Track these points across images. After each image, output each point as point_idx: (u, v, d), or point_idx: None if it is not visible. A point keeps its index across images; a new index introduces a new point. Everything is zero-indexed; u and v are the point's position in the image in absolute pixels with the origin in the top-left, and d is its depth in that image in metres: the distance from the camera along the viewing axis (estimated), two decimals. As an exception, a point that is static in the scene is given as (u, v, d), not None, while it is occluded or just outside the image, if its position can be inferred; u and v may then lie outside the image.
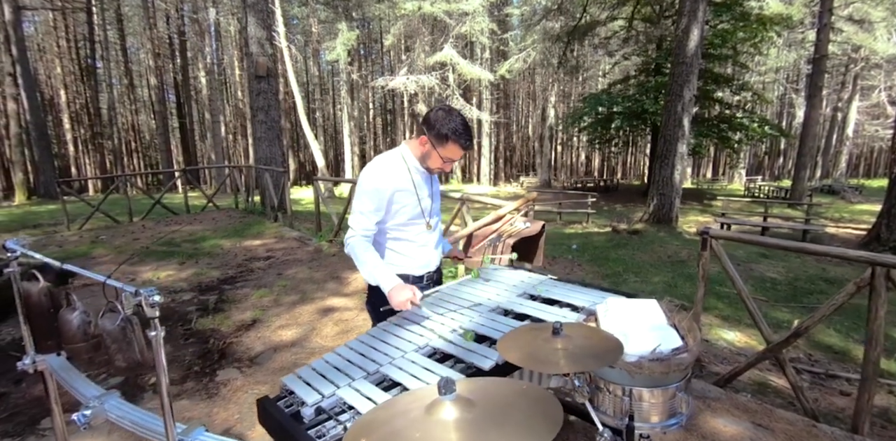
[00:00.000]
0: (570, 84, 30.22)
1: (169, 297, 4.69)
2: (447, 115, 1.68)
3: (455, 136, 1.68)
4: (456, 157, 1.74)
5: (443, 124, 1.67)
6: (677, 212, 11.35)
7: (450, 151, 1.71)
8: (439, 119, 1.68)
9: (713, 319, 5.51)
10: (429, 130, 1.71)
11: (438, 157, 1.73)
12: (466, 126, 1.71)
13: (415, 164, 1.81)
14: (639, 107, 15.21)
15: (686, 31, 8.67)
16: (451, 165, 1.80)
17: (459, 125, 1.68)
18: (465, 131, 1.69)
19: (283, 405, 1.26)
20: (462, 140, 1.69)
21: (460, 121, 1.69)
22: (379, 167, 1.78)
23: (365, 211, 1.74)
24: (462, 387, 0.97)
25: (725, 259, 3.03)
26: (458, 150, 1.72)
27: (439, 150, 1.71)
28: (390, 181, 1.75)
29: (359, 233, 1.76)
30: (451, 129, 1.66)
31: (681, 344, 1.40)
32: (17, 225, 9.84)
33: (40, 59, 22.87)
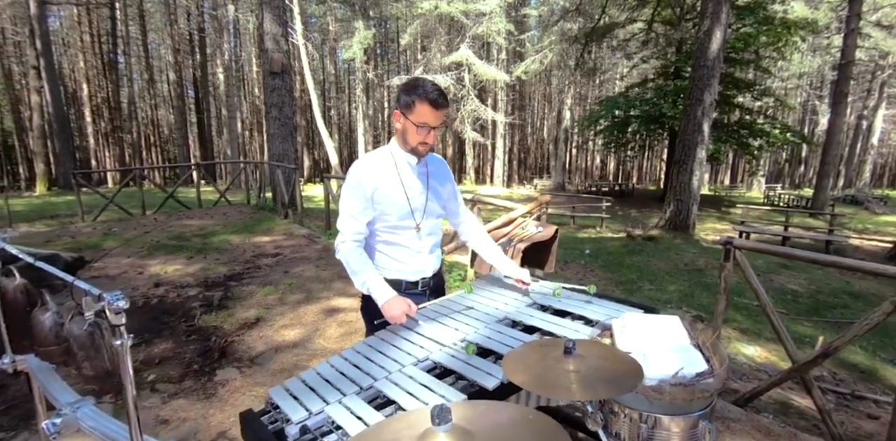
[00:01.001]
0: (587, 86, 29.87)
1: (174, 292, 4.66)
2: (413, 81, 1.57)
3: (421, 95, 1.52)
4: (430, 119, 1.55)
5: (409, 89, 1.55)
6: (695, 219, 11.08)
7: (420, 114, 1.54)
8: (406, 86, 1.57)
9: (731, 332, 5.30)
10: (398, 103, 1.60)
11: (413, 126, 1.57)
12: (435, 84, 1.56)
13: (402, 156, 1.68)
14: (656, 111, 14.90)
15: (708, 34, 8.41)
16: (432, 136, 1.61)
17: (428, 85, 1.54)
18: (433, 89, 1.54)
19: (267, 420, 1.16)
20: (431, 96, 1.52)
21: (430, 82, 1.56)
22: (362, 164, 1.66)
23: (352, 212, 1.64)
24: (459, 413, 0.85)
25: (750, 272, 2.87)
26: (429, 110, 1.54)
27: (410, 117, 1.55)
28: (373, 177, 1.63)
29: (349, 238, 1.65)
30: (418, 91, 1.52)
31: (706, 367, 1.27)
32: (36, 215, 9.98)
33: (65, 53, 23.35)
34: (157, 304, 4.35)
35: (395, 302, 1.56)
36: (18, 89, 21.63)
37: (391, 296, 1.58)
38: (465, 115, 21.47)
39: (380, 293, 1.59)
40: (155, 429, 2.58)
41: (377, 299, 1.59)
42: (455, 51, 18.29)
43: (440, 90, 1.55)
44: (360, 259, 1.64)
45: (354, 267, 1.63)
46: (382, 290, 1.59)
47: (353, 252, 1.64)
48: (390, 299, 1.56)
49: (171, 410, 2.74)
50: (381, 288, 1.60)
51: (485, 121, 23.43)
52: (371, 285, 1.61)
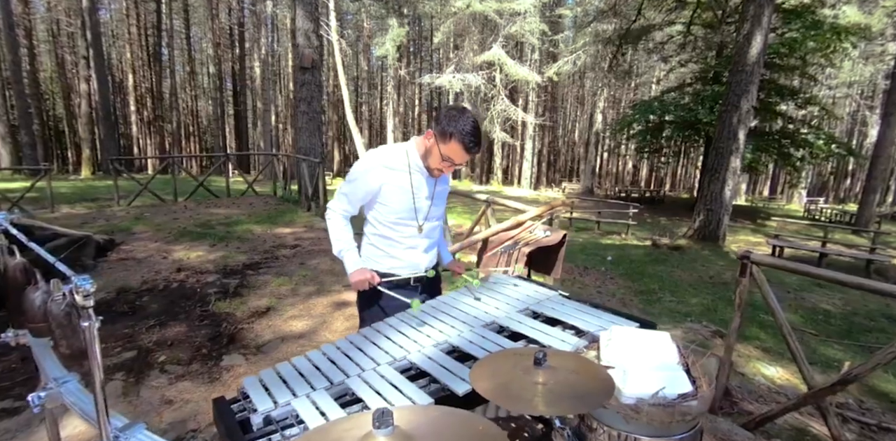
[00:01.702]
0: (622, 89, 29.17)
1: (194, 277, 4.81)
2: (460, 114, 1.59)
3: (460, 135, 1.56)
4: (457, 158, 1.62)
5: (452, 121, 1.57)
6: (725, 230, 10.67)
7: (451, 150, 1.60)
8: (451, 116, 1.59)
9: (753, 351, 5.08)
10: (436, 125, 1.62)
11: (439, 154, 1.62)
12: (477, 129, 1.59)
13: (417, 161, 1.70)
14: (692, 116, 14.39)
15: (748, 38, 8.03)
16: (450, 168, 1.68)
17: (469, 125, 1.56)
18: (473, 132, 1.57)
19: (236, 409, 1.18)
20: (467, 140, 1.57)
21: (472, 122, 1.58)
22: (377, 157, 1.68)
23: (349, 195, 1.73)
24: (408, 417, 0.84)
25: (767, 289, 2.73)
26: (461, 152, 1.59)
27: (441, 147, 1.61)
28: (385, 173, 1.66)
29: (339, 212, 1.76)
30: (459, 128, 1.55)
31: (690, 389, 1.21)
32: (78, 197, 10.51)
33: (113, 44, 24.48)
34: (176, 288, 4.51)
35: (359, 272, 1.72)
36: (70, 78, 22.83)
37: (358, 267, 1.73)
38: (495, 115, 21.34)
39: (350, 262, 1.74)
40: (159, 408, 2.68)
41: (347, 267, 1.74)
42: (487, 50, 18.18)
43: (479, 136, 1.60)
44: (343, 229, 1.78)
45: (337, 235, 1.77)
46: (353, 261, 1.74)
47: (339, 222, 1.78)
48: (357, 270, 1.72)
49: (177, 392, 2.84)
50: (353, 258, 1.74)
51: (514, 121, 23.22)
52: (345, 254, 1.75)
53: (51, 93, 24.65)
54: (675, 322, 5.69)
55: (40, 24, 21.59)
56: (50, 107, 25.08)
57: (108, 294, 4.24)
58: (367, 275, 1.70)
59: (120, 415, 1.14)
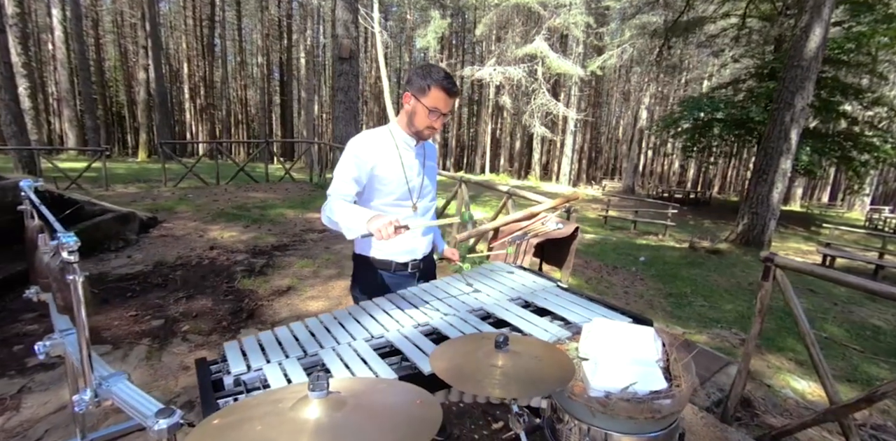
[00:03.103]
0: (670, 85, 27.88)
1: (225, 255, 5.05)
2: (428, 68, 1.64)
3: (438, 82, 1.59)
4: (442, 105, 1.63)
5: (425, 75, 1.61)
6: (771, 235, 10.08)
7: (434, 99, 1.61)
8: (420, 72, 1.63)
9: (785, 362, 4.80)
10: (410, 85, 1.65)
11: (424, 109, 1.63)
12: (449, 74, 1.65)
13: (403, 137, 1.72)
14: (744, 115, 13.55)
15: (806, 30, 7.43)
16: (440, 121, 1.67)
17: (441, 73, 1.62)
18: (447, 76, 1.62)
19: (214, 370, 1.25)
20: (445, 83, 1.60)
21: (442, 70, 1.64)
22: (363, 138, 1.69)
23: (345, 178, 1.60)
24: (346, 386, 0.87)
25: (791, 295, 2.57)
26: (443, 97, 1.61)
27: (423, 100, 1.62)
28: (373, 153, 1.66)
29: (338, 196, 1.58)
30: (434, 77, 1.60)
31: (664, 387, 1.17)
32: (132, 178, 11.23)
33: (171, 35, 25.81)
34: (207, 264, 4.75)
35: (378, 217, 1.34)
36: (131, 66, 24.28)
37: (374, 214, 1.37)
38: (535, 109, 20.97)
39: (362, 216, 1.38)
40: (176, 373, 2.86)
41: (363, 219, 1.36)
42: (529, 43, 17.82)
43: (453, 79, 1.65)
44: (343, 206, 1.49)
45: (338, 216, 1.45)
46: (363, 214, 1.39)
47: (337, 202, 1.52)
48: (374, 216, 1.35)
49: (194, 359, 3.01)
50: (362, 213, 1.40)
51: (555, 116, 22.74)
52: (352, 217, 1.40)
53: (114, 80, 26.35)
54: (702, 327, 5.46)
55: (106, 16, 23.08)
56: (114, 93, 26.82)
57: (145, 267, 4.52)
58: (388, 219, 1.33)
59: (107, 365, 1.22)
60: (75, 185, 8.39)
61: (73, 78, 17.44)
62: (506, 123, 30.36)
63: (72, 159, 14.13)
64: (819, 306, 6.85)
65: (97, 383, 1.14)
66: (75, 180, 8.46)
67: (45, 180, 8.72)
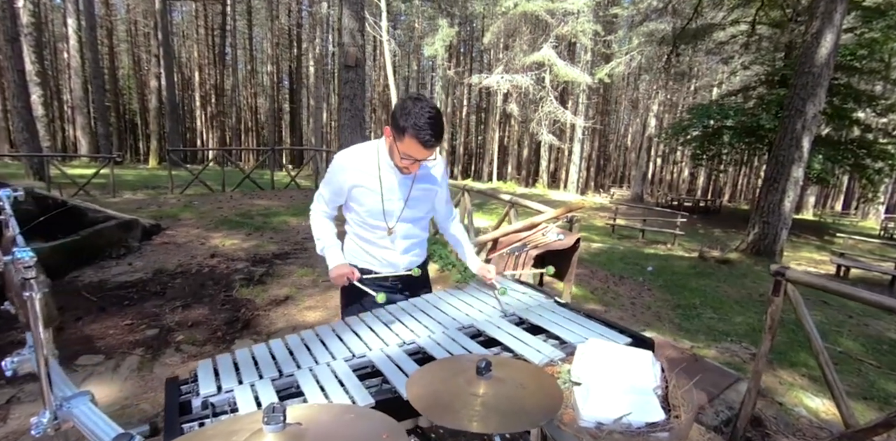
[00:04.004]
0: (679, 93, 27.72)
1: (225, 264, 5.02)
2: (413, 105, 1.42)
3: (414, 130, 1.40)
4: (416, 154, 1.46)
5: (405, 115, 1.42)
6: (783, 245, 9.87)
7: (408, 146, 1.45)
8: (404, 108, 1.43)
9: (798, 378, 4.63)
10: (392, 120, 1.49)
11: (398, 152, 1.49)
12: (434, 119, 1.42)
13: (387, 161, 1.62)
14: (754, 122, 13.38)
15: (817, 36, 7.30)
16: (414, 166, 1.54)
17: (423, 117, 1.40)
18: (428, 125, 1.41)
19: (185, 390, 1.18)
20: (422, 135, 1.41)
21: (427, 113, 1.41)
22: (347, 156, 1.63)
23: (324, 195, 1.75)
24: (309, 415, 0.80)
25: (803, 310, 2.46)
26: (418, 147, 1.44)
27: (398, 143, 1.47)
28: (352, 174, 1.61)
29: (319, 209, 1.80)
30: (412, 121, 1.40)
31: (661, 418, 1.08)
32: (141, 185, 11.32)
33: (183, 44, 26.28)
34: (207, 272, 4.72)
35: (339, 268, 1.69)
36: (144, 75, 24.72)
37: (339, 263, 1.71)
38: (543, 116, 20.93)
39: (332, 258, 1.72)
40: (167, 387, 2.80)
41: (329, 263, 1.72)
42: (537, 50, 17.85)
43: (435, 127, 1.43)
44: (324, 227, 1.78)
45: (318, 234, 1.78)
46: (335, 257, 1.72)
47: (320, 221, 1.80)
48: (338, 265, 1.70)
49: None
50: (335, 254, 1.73)
51: (563, 124, 22.68)
52: (327, 251, 1.74)
53: (128, 88, 26.84)
54: (711, 340, 5.31)
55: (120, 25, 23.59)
56: (127, 101, 27.29)
57: (145, 274, 4.50)
58: (346, 270, 1.68)
59: (71, 384, 1.16)
60: (83, 192, 8.47)
61: (86, 86, 17.76)
62: (513, 131, 30.36)
63: (84, 166, 14.32)
64: (833, 319, 6.65)
65: (58, 404, 1.08)
66: (83, 187, 8.53)
67: (54, 187, 8.84)
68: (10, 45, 8.02)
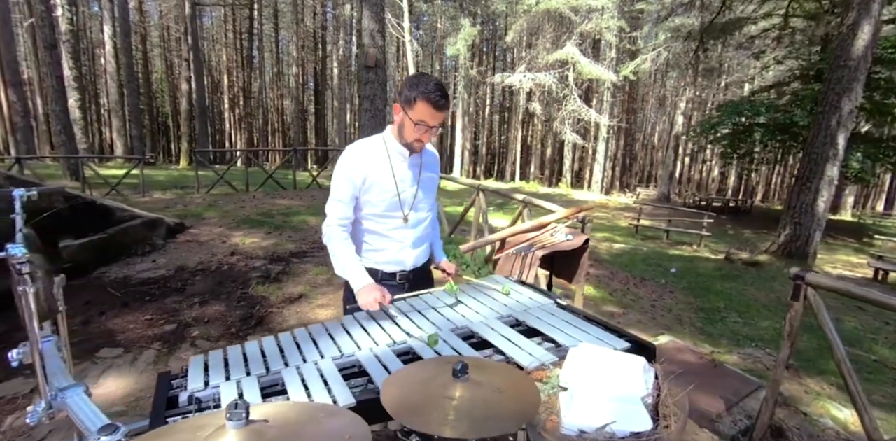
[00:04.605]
0: (709, 89, 26.87)
1: (244, 262, 5.15)
2: (419, 78, 1.56)
3: (424, 94, 1.51)
4: (429, 118, 1.55)
5: (413, 86, 1.54)
6: (816, 247, 9.44)
7: (420, 112, 1.54)
8: (410, 82, 1.56)
9: (826, 387, 4.42)
10: (400, 96, 1.60)
11: (411, 122, 1.57)
12: (439, 85, 1.55)
13: (396, 147, 1.67)
14: (787, 119, 12.82)
15: (853, 28, 6.92)
16: (428, 134, 1.61)
17: (431, 84, 1.53)
18: (436, 88, 1.52)
19: (175, 385, 1.21)
20: (433, 96, 1.51)
21: (433, 81, 1.55)
22: (354, 151, 1.67)
23: (341, 197, 1.67)
24: (278, 412, 0.81)
25: (824, 317, 2.35)
26: (430, 110, 1.53)
27: (410, 113, 1.56)
28: (364, 165, 1.64)
29: (335, 222, 1.69)
30: (421, 88, 1.52)
31: (648, 428, 1.04)
32: (170, 184, 11.72)
33: (212, 48, 27.08)
34: (226, 270, 4.84)
35: (368, 289, 1.58)
36: (175, 78, 25.61)
37: (367, 283, 1.61)
38: (566, 115, 20.66)
39: (357, 279, 1.62)
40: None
41: (353, 285, 1.62)
42: (560, 48, 17.61)
43: (443, 91, 1.55)
44: (342, 244, 1.68)
45: (336, 251, 1.68)
46: (360, 276, 1.63)
47: (337, 237, 1.68)
48: (366, 286, 1.60)
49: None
50: (359, 274, 1.63)
51: (587, 122, 22.33)
52: (349, 270, 1.64)
53: (160, 92, 27.86)
54: (734, 345, 5.13)
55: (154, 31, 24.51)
56: (160, 104, 28.33)
57: (167, 271, 4.66)
58: (378, 294, 1.56)
59: (69, 376, 1.21)
60: (115, 192, 8.82)
61: (121, 90, 18.53)
62: (536, 130, 30.06)
63: (118, 167, 14.93)
64: (869, 326, 6.33)
65: (53, 395, 1.12)
66: (114, 187, 8.90)
67: (90, 187, 9.25)
68: (48, 51, 8.45)
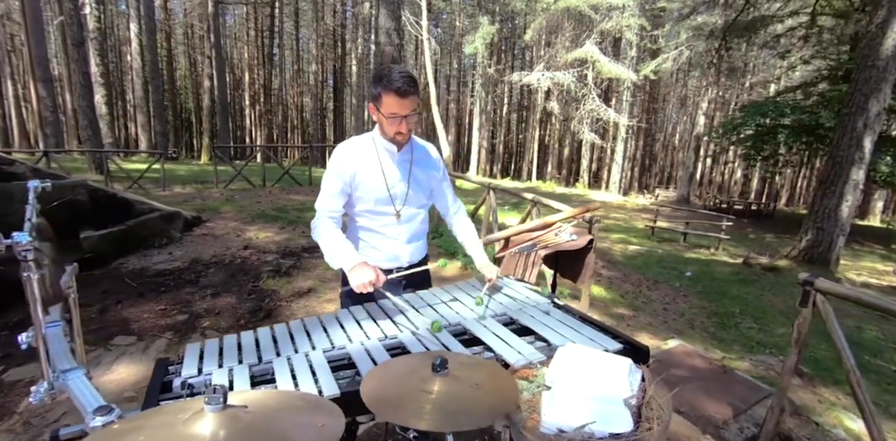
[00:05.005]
0: (733, 90, 26.22)
1: (256, 255, 5.25)
2: (380, 72, 1.54)
3: (386, 86, 1.48)
4: (398, 109, 1.52)
5: (377, 79, 1.52)
6: (839, 253, 9.16)
7: (388, 105, 1.52)
8: (373, 79, 1.55)
9: (841, 397, 4.30)
10: (369, 95, 1.60)
11: (384, 118, 1.58)
12: (404, 73, 1.49)
13: (383, 144, 1.70)
14: (812, 120, 12.43)
15: (882, 27, 6.65)
16: (405, 126, 1.59)
17: (394, 73, 1.49)
18: (400, 77, 1.47)
19: (171, 370, 1.26)
20: (396, 85, 1.46)
21: (397, 70, 1.50)
22: (345, 147, 1.70)
23: (331, 192, 1.69)
24: (259, 398, 0.84)
25: (833, 325, 2.29)
26: (396, 99, 1.50)
27: (381, 109, 1.56)
28: (353, 161, 1.66)
29: (324, 215, 1.70)
30: (384, 81, 1.49)
31: (627, 430, 1.04)
32: (191, 179, 12.00)
33: (234, 45, 27.56)
34: (238, 263, 4.95)
35: (360, 267, 1.48)
36: (198, 75, 26.16)
37: (359, 261, 1.50)
38: (584, 114, 20.42)
39: (347, 258, 1.51)
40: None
41: (345, 265, 1.51)
42: (579, 47, 17.41)
43: (407, 76, 1.51)
44: (330, 231, 1.62)
45: (324, 239, 1.61)
46: (350, 255, 1.52)
47: (324, 226, 1.64)
48: (357, 264, 1.49)
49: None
50: (349, 253, 1.54)
51: (606, 122, 22.03)
52: (338, 253, 1.54)
53: (184, 88, 28.51)
54: (747, 352, 5.03)
55: (178, 29, 25.08)
56: (183, 101, 28.99)
57: (182, 263, 4.78)
58: (371, 275, 1.46)
59: (72, 359, 1.26)
60: (137, 185, 9.08)
61: (146, 86, 19.03)
62: (554, 129, 29.80)
63: (142, 161, 15.35)
64: (891, 335, 6.13)
65: (55, 376, 1.18)
66: (136, 181, 9.15)
67: (114, 180, 9.54)
68: (76, 48, 8.74)
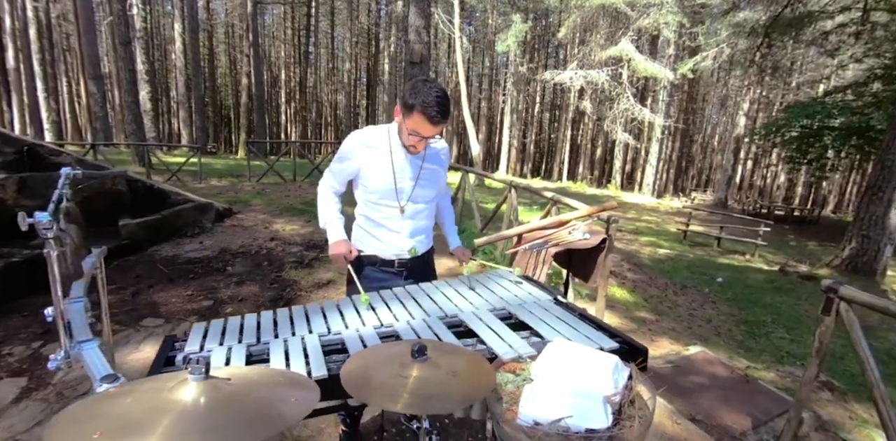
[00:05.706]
0: (777, 89, 24.98)
1: (281, 247, 5.42)
2: (423, 85, 1.53)
3: (422, 107, 1.50)
4: (423, 130, 1.56)
5: (414, 93, 1.52)
6: (886, 263, 8.64)
7: (415, 123, 1.55)
8: (414, 87, 1.54)
9: (874, 415, 4.06)
10: (400, 99, 1.60)
11: (406, 129, 1.59)
12: (441, 99, 1.51)
13: (397, 140, 1.71)
14: (863, 122, 11.70)
15: None
16: (421, 143, 1.62)
17: (432, 95, 1.50)
18: (437, 102, 1.50)
19: (177, 346, 1.34)
20: (430, 111, 1.50)
21: (436, 92, 1.51)
22: (359, 137, 1.73)
23: (334, 169, 1.80)
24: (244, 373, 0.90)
25: (858, 335, 2.18)
26: (425, 124, 1.53)
27: (406, 121, 1.58)
28: (364, 152, 1.70)
29: (327, 184, 1.84)
30: (420, 99, 1.50)
31: (603, 426, 1.03)
32: (227, 173, 12.47)
33: (272, 44, 28.39)
34: (264, 254, 5.13)
35: (339, 243, 1.73)
36: (237, 73, 27.10)
37: (340, 238, 1.75)
38: (618, 114, 19.95)
39: (333, 233, 1.77)
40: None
41: (329, 237, 1.77)
42: (614, 44, 17.00)
43: (442, 105, 1.52)
44: (330, 202, 1.84)
45: (323, 207, 1.84)
46: (336, 232, 1.77)
47: (326, 195, 1.85)
48: (338, 241, 1.74)
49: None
50: (336, 230, 1.78)
51: (641, 122, 21.45)
52: (330, 225, 1.79)
53: (224, 86, 29.62)
54: (775, 362, 4.83)
55: (220, 28, 26.07)
56: (223, 97, 30.12)
57: (211, 252, 5.00)
58: (345, 248, 1.71)
59: (89, 331, 1.36)
60: (175, 178, 9.51)
61: (188, 83, 19.86)
62: (587, 129, 29.26)
63: (183, 155, 16.06)
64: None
65: (72, 346, 1.28)
66: (175, 173, 9.60)
67: (155, 173, 10.03)
68: (123, 47, 9.23)
